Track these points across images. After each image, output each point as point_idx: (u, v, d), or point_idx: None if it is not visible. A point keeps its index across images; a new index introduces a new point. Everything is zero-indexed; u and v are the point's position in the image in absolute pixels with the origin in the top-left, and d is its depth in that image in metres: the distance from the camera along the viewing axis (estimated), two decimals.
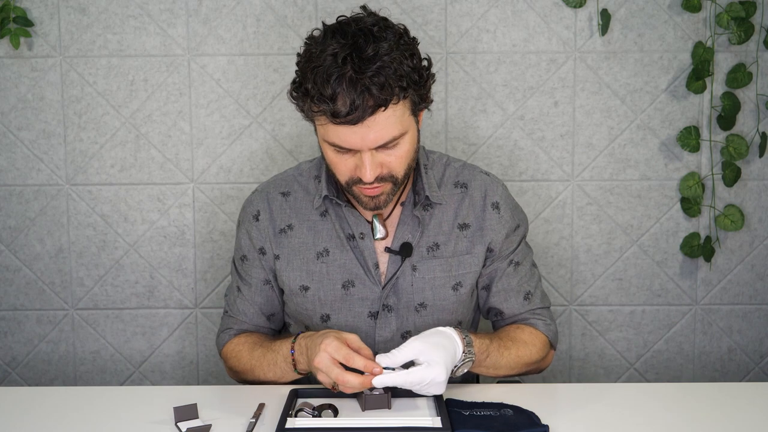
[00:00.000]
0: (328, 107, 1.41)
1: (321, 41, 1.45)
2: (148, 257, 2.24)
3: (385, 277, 1.62)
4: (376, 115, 1.42)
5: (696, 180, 2.20)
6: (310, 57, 1.45)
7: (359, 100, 1.40)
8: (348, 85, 1.39)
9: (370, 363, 1.39)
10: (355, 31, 1.43)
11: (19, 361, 2.28)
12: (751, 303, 2.28)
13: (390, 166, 1.50)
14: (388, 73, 1.40)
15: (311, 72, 1.43)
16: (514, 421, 1.39)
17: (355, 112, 1.40)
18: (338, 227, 1.63)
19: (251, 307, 1.69)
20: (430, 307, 1.62)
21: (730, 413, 1.46)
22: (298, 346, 1.53)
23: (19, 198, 2.22)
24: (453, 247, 1.63)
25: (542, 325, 1.68)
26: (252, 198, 1.71)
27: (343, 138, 1.45)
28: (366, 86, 1.39)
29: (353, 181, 1.51)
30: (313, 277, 1.63)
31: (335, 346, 1.41)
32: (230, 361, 1.68)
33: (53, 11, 2.15)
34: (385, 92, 1.41)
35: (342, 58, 1.40)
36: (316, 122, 1.50)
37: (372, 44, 1.41)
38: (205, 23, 2.16)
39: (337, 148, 1.49)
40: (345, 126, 1.43)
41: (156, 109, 2.19)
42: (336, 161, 1.51)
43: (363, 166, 1.47)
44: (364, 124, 1.42)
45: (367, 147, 1.45)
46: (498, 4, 2.16)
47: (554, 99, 2.19)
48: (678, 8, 2.16)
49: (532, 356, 1.63)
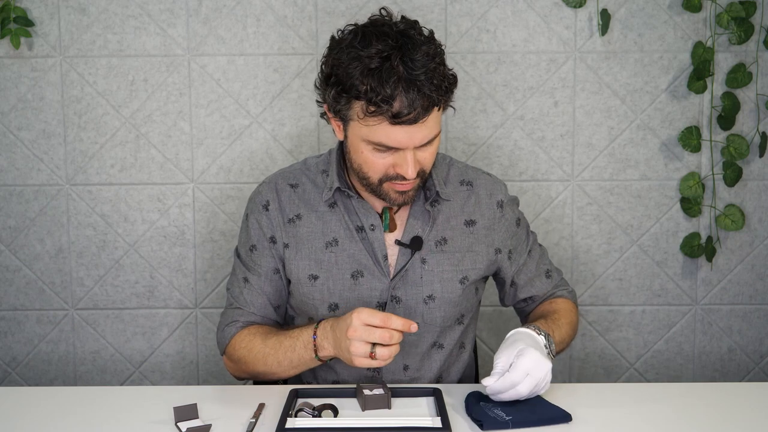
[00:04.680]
0: (389, 108, 1.44)
1: (361, 41, 1.48)
2: (148, 257, 2.24)
3: (394, 269, 1.64)
4: (429, 115, 1.47)
5: (696, 180, 2.20)
6: (356, 57, 1.47)
7: (418, 100, 1.44)
8: (406, 86, 1.44)
9: (407, 320, 1.43)
10: (396, 33, 1.48)
11: (19, 361, 2.28)
12: (751, 303, 2.28)
13: (424, 164, 1.55)
14: (438, 74, 1.46)
15: (363, 74, 1.45)
16: (539, 402, 1.45)
17: (414, 113, 1.45)
18: (347, 219, 1.65)
19: (260, 297, 1.69)
20: (438, 300, 1.65)
21: (730, 413, 1.46)
22: (321, 330, 1.54)
23: (19, 198, 2.22)
24: (460, 243, 1.67)
25: (566, 293, 1.80)
26: (260, 189, 1.72)
27: (392, 137, 1.49)
28: (420, 87, 1.44)
29: (388, 177, 1.55)
30: (322, 266, 1.64)
31: (369, 312, 1.44)
32: (239, 352, 1.65)
33: (53, 11, 2.15)
34: (438, 93, 1.47)
35: (397, 60, 1.44)
36: (361, 122, 1.50)
37: (418, 47, 1.47)
38: (205, 23, 2.16)
39: (379, 147, 1.51)
40: (399, 126, 1.47)
41: (156, 109, 2.19)
42: (372, 159, 1.54)
43: (406, 163, 1.51)
44: (417, 124, 1.47)
45: (413, 145, 1.50)
46: (498, 4, 2.16)
47: (554, 99, 2.19)
48: (678, 8, 2.16)
49: (574, 319, 1.75)
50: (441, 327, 1.67)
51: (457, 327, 1.70)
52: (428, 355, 1.68)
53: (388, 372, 1.65)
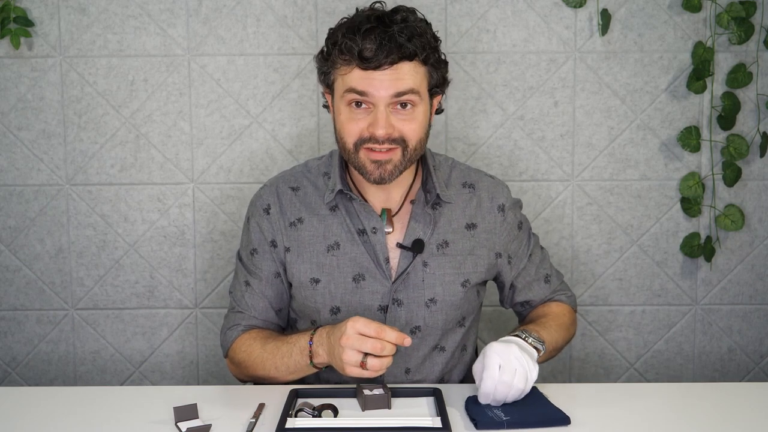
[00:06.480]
0: (357, 48, 1.50)
1: (353, 15, 1.58)
2: (148, 257, 2.24)
3: (395, 272, 1.64)
4: (401, 65, 1.51)
5: (696, 180, 2.20)
6: (344, 22, 1.57)
7: (387, 45, 1.50)
8: (378, 34, 1.51)
9: (401, 333, 1.43)
10: (386, 11, 1.57)
11: (19, 361, 2.28)
12: (751, 303, 2.28)
13: (402, 131, 1.55)
14: (413, 30, 1.52)
15: (341, 28, 1.55)
16: (540, 403, 1.45)
17: (382, 56, 1.50)
18: (348, 222, 1.65)
19: (261, 301, 1.69)
20: (440, 303, 1.65)
21: (730, 413, 1.46)
22: (318, 337, 1.53)
23: (19, 198, 2.22)
24: (461, 246, 1.67)
25: (564, 298, 1.80)
26: (261, 192, 1.72)
27: (363, 84, 1.52)
28: (393, 36, 1.50)
29: (363, 140, 1.55)
30: (323, 270, 1.64)
31: (364, 322, 1.43)
32: (240, 355, 1.66)
33: (53, 11, 2.15)
34: (411, 44, 1.51)
35: (374, 18, 1.53)
36: (338, 74, 1.55)
37: (399, 13, 1.55)
38: (205, 23, 2.16)
39: (351, 96, 1.54)
40: (369, 71, 1.50)
41: (156, 109, 2.19)
42: (348, 119, 1.56)
43: (377, 120, 1.53)
44: (387, 71, 1.51)
45: (383, 94, 1.52)
46: (498, 4, 2.16)
47: (554, 99, 2.19)
48: (678, 8, 2.16)
49: (566, 321, 1.74)
50: (442, 330, 1.67)
51: (458, 329, 1.70)
52: (430, 358, 1.68)
53: (390, 375, 1.64)
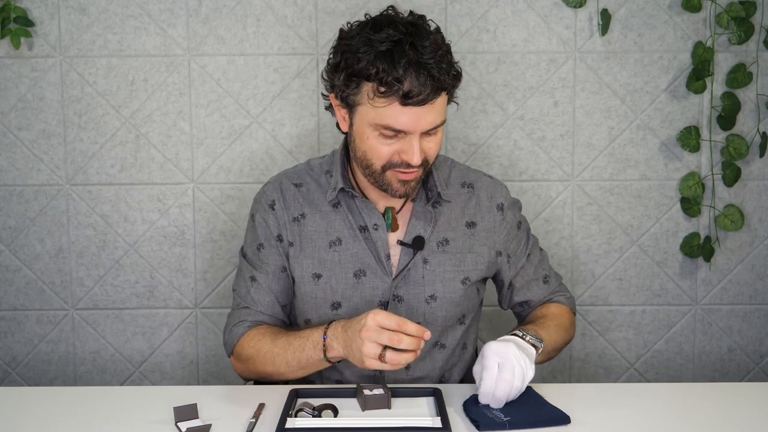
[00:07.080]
0: (400, 86, 1.47)
1: (372, 28, 1.52)
2: (148, 257, 2.24)
3: (396, 269, 1.65)
4: (437, 98, 1.51)
5: (696, 180, 2.20)
6: (367, 42, 1.50)
7: (428, 82, 1.48)
8: (416, 68, 1.47)
9: (421, 327, 1.43)
10: (405, 23, 1.53)
11: (19, 361, 2.28)
12: (751, 303, 2.28)
13: (428, 153, 1.57)
14: (446, 60, 1.51)
15: (375, 56, 1.48)
16: (540, 403, 1.45)
17: (424, 93, 1.48)
18: (350, 218, 1.66)
19: (268, 296, 1.69)
20: (440, 300, 1.66)
21: (730, 413, 1.46)
22: (332, 330, 1.53)
23: (19, 198, 2.22)
24: (461, 244, 1.68)
25: (563, 299, 1.79)
26: (265, 189, 1.73)
27: (400, 120, 1.50)
28: (430, 70, 1.48)
29: (391, 164, 1.56)
30: (325, 265, 1.65)
31: (384, 314, 1.44)
32: (248, 351, 1.65)
33: (53, 11, 2.15)
34: (447, 77, 1.51)
35: (407, 45, 1.48)
36: (370, 104, 1.52)
37: (427, 36, 1.51)
38: (205, 23, 2.16)
39: (386, 131, 1.53)
40: (408, 107, 1.49)
41: (156, 109, 2.19)
42: (378, 146, 1.55)
43: (412, 149, 1.53)
44: (425, 106, 1.49)
45: (420, 130, 1.52)
46: (498, 4, 2.16)
47: (554, 99, 2.19)
48: (678, 8, 2.16)
49: (565, 322, 1.74)
50: (442, 327, 1.67)
51: (458, 327, 1.70)
52: (430, 355, 1.68)
53: (390, 371, 1.65)
